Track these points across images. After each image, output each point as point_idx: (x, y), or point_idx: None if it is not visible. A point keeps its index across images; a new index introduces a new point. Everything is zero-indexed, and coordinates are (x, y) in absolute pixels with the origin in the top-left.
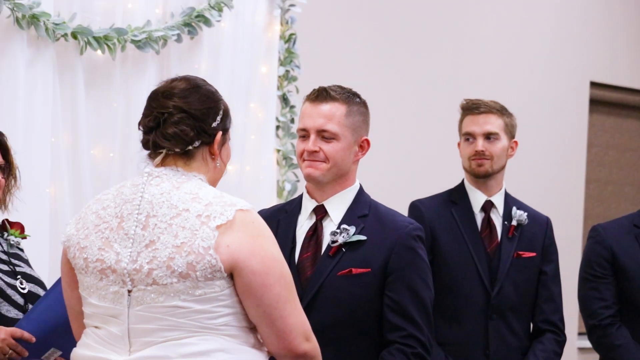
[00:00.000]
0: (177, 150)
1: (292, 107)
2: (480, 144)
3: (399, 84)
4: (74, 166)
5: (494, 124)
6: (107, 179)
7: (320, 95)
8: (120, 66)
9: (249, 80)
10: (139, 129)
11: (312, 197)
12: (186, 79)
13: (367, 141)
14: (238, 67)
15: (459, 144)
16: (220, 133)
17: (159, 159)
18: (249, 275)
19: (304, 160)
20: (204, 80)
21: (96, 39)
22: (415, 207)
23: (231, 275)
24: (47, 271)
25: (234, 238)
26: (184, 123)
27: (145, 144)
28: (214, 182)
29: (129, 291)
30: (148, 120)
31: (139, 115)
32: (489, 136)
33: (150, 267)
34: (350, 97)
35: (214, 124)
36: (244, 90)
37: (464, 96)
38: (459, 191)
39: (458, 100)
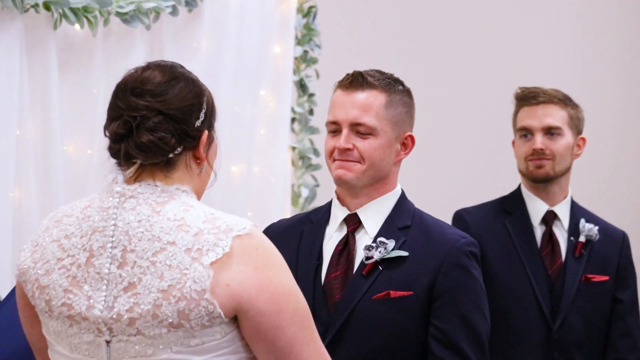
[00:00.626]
0: (156, 161)
1: (311, 95)
2: (539, 140)
3: (442, 69)
4: (44, 165)
5: (555, 116)
6: (84, 182)
7: (356, 81)
8: (102, 44)
9: (259, 63)
10: (105, 134)
11: (343, 204)
12: (160, 68)
13: (412, 138)
14: (246, 46)
15: (513, 142)
16: (205, 133)
17: (131, 170)
18: (257, 317)
19: (334, 160)
20: (182, 67)
21: (73, 10)
22: (459, 217)
23: (234, 317)
24: (9, 289)
25: (235, 274)
26: (162, 128)
27: (115, 154)
28: (200, 192)
29: (107, 341)
30: (116, 125)
31: None
32: (549, 131)
33: (131, 315)
34: (391, 85)
35: (198, 123)
36: (252, 75)
37: (519, 84)
38: (515, 199)
39: (512, 90)
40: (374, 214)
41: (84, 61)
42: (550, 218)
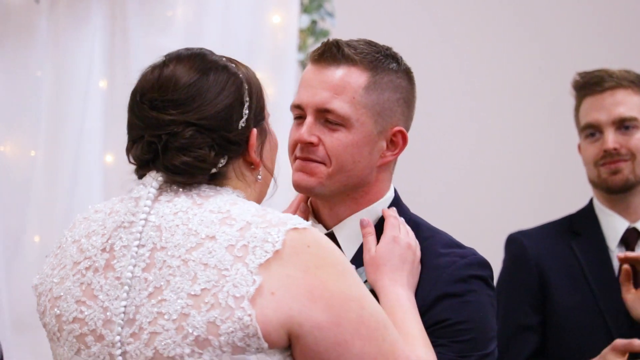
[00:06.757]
0: (195, 182)
1: None
2: (611, 138)
3: (487, 46)
4: None
5: (628, 104)
6: (25, 192)
7: (328, 52)
8: (49, 12)
9: (253, 37)
10: (129, 160)
11: (318, 218)
12: (182, 62)
13: (403, 134)
14: (234, 14)
15: (579, 147)
16: (254, 132)
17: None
18: (314, 331)
19: (295, 158)
20: (209, 52)
21: None
22: (514, 241)
23: (276, 350)
24: None
25: (282, 278)
26: (195, 144)
27: (142, 177)
28: (258, 200)
29: None
30: (139, 150)
31: (75, 90)
32: (622, 124)
33: (153, 329)
34: (379, 61)
35: (242, 123)
36: (244, 53)
37: (580, 67)
38: (585, 216)
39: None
40: (353, 234)
41: (24, 35)
42: (632, 238)
